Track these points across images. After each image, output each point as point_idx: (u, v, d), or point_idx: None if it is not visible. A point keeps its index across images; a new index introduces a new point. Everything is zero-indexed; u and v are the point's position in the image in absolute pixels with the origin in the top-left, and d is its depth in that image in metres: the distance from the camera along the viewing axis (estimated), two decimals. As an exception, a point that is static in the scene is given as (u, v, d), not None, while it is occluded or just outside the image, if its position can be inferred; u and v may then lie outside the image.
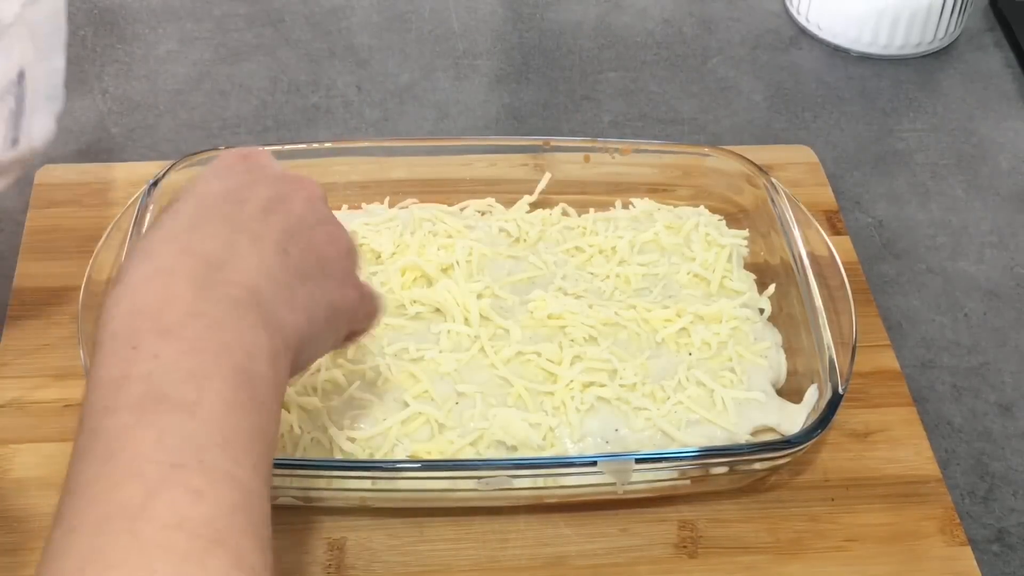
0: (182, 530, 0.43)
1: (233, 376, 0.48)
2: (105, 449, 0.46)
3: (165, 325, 0.48)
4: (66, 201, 0.90)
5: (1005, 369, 0.85)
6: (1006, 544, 0.76)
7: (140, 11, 1.10)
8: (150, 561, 0.42)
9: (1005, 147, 1.02)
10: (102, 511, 0.44)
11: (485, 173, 0.87)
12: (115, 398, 0.47)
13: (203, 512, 0.44)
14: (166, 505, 0.44)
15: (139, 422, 0.46)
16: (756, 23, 1.13)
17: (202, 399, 0.47)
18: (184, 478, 0.45)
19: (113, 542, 0.43)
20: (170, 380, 0.47)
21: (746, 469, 0.72)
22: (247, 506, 0.46)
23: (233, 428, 0.47)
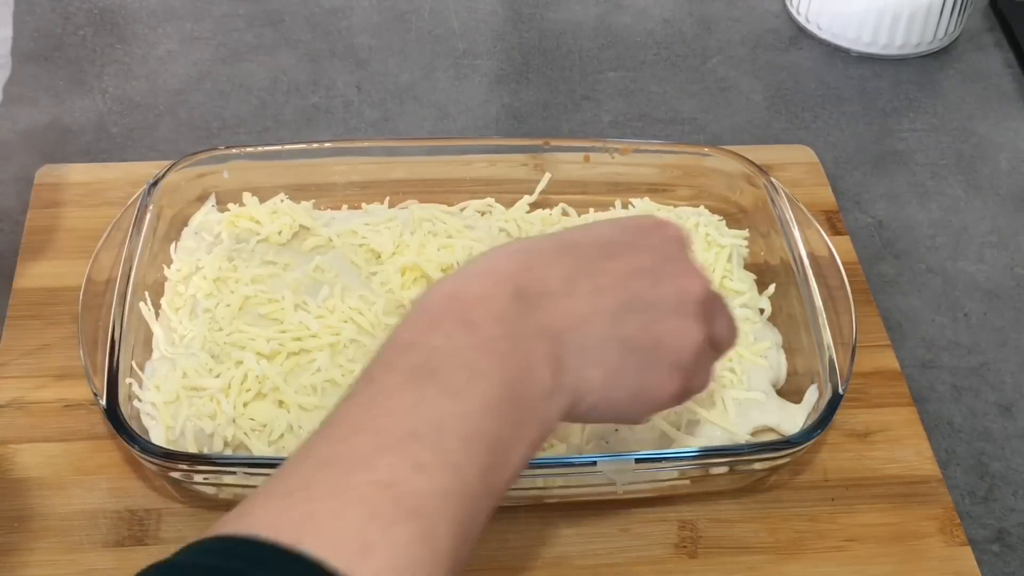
0: (387, 492, 0.46)
1: (502, 387, 0.50)
2: (368, 398, 0.49)
3: (469, 318, 0.51)
4: (66, 201, 0.90)
5: (1005, 369, 0.85)
6: (1006, 544, 0.76)
7: (140, 11, 1.10)
8: (345, 506, 0.45)
9: (1005, 147, 1.02)
10: (335, 450, 0.47)
11: (485, 173, 0.87)
12: (398, 358, 0.50)
13: (416, 485, 0.46)
14: (387, 466, 0.46)
15: (405, 385, 0.49)
16: (756, 23, 1.13)
17: (466, 391, 0.49)
18: (415, 449, 0.47)
19: (326, 479, 0.46)
20: (448, 362, 0.50)
21: (746, 469, 0.72)
22: (461, 499, 0.47)
23: (479, 429, 0.49)
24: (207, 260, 0.81)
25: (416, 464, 0.47)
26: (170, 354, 0.76)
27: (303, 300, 0.78)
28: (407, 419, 0.48)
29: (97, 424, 0.75)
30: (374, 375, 0.50)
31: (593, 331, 0.54)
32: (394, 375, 0.50)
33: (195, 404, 0.73)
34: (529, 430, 0.52)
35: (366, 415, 0.49)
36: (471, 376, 0.50)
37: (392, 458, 0.47)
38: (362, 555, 0.44)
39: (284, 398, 0.73)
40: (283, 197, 0.85)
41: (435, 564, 0.46)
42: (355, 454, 0.47)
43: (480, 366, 0.50)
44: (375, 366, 0.51)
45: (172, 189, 0.84)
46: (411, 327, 0.52)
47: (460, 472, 0.48)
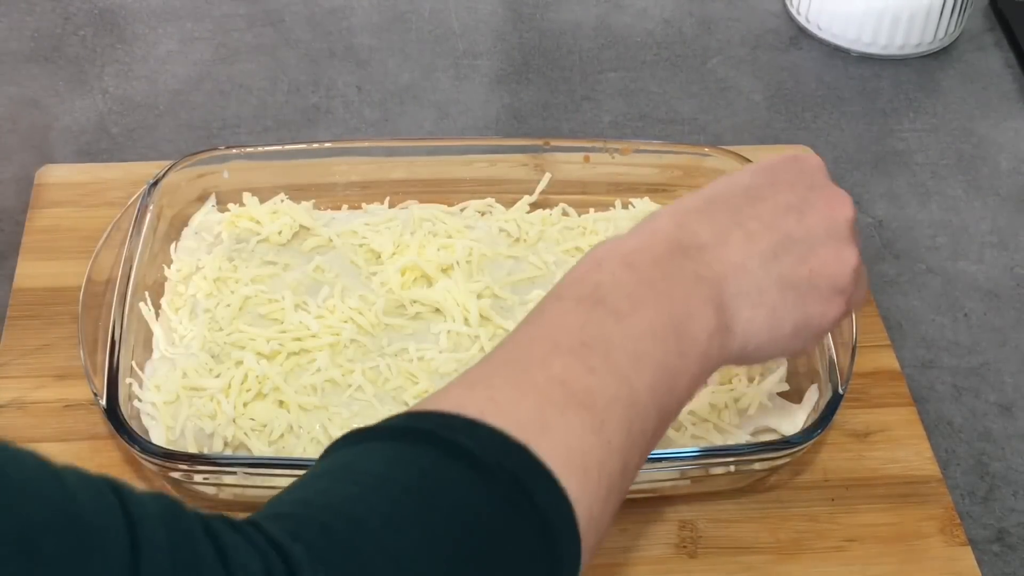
0: (563, 386, 0.50)
1: (666, 319, 0.54)
2: (540, 319, 0.54)
3: (630, 261, 0.55)
4: (66, 201, 0.90)
5: (1005, 369, 0.85)
6: (1006, 544, 0.76)
7: (140, 11, 1.10)
8: (523, 395, 0.49)
9: (1005, 147, 1.02)
10: (512, 355, 0.52)
11: (485, 173, 0.87)
12: (567, 290, 0.55)
13: (588, 383, 0.50)
14: (560, 365, 0.51)
15: (575, 308, 0.53)
16: (756, 23, 1.13)
17: (631, 316, 0.53)
18: (586, 355, 0.51)
19: (506, 374, 0.51)
20: (613, 293, 0.54)
21: (746, 469, 0.72)
22: (629, 404, 0.51)
23: (646, 349, 0.53)
24: (207, 260, 0.81)
25: (588, 367, 0.51)
26: (170, 354, 0.76)
27: (303, 300, 0.78)
28: (578, 332, 0.52)
29: (97, 424, 0.75)
30: (545, 306, 0.55)
31: (750, 276, 0.57)
32: (564, 302, 0.54)
33: (195, 404, 0.73)
34: (692, 363, 0.54)
35: (539, 331, 0.53)
36: (635, 305, 0.53)
37: (565, 360, 0.51)
38: (540, 433, 0.48)
39: (284, 398, 0.73)
40: (283, 197, 0.85)
41: (606, 454, 0.49)
42: (531, 357, 0.51)
43: (644, 297, 0.54)
44: (546, 300, 0.55)
45: (172, 189, 0.83)
46: (575, 270, 0.56)
47: (628, 383, 0.51)
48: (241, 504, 0.71)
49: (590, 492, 0.48)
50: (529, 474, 0.47)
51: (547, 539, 0.46)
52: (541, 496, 0.46)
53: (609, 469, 0.49)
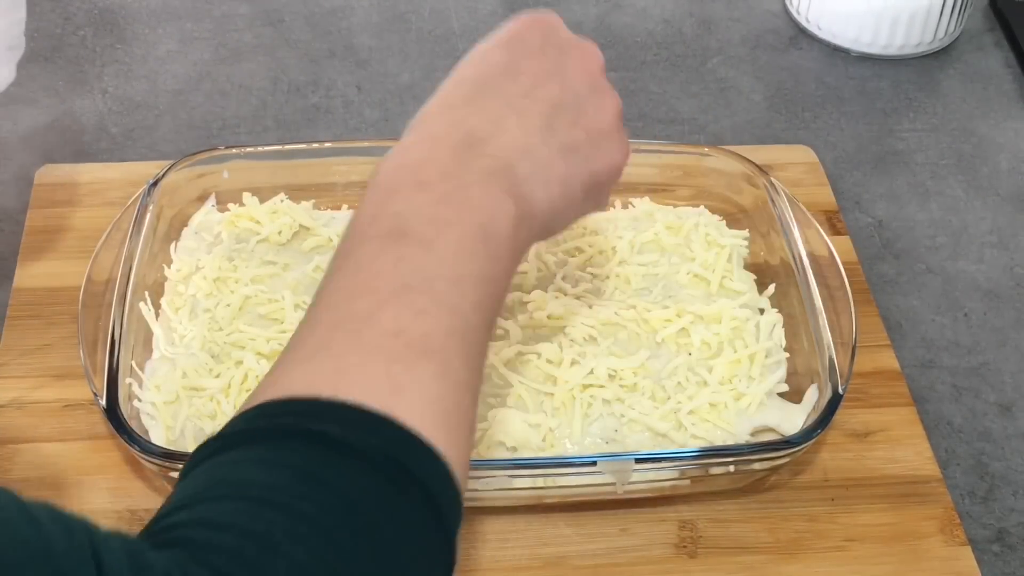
0: (399, 338, 0.49)
1: (472, 229, 0.54)
2: (352, 268, 0.53)
3: (421, 179, 0.54)
4: (66, 201, 0.90)
5: (1005, 369, 0.85)
6: (1006, 544, 0.76)
7: (140, 11, 1.10)
8: (366, 357, 0.49)
9: (1005, 147, 1.02)
10: (338, 315, 0.51)
11: (485, 173, 0.87)
12: (368, 228, 0.53)
13: (421, 327, 0.50)
14: (390, 317, 0.50)
15: (382, 249, 0.52)
16: (756, 23, 1.13)
17: (439, 240, 0.53)
18: (411, 298, 0.51)
19: (341, 339, 0.50)
20: (415, 220, 0.53)
21: (746, 469, 0.72)
22: (464, 333, 0.51)
23: (463, 269, 0.53)
24: (207, 260, 0.81)
25: (416, 311, 0.50)
26: (170, 354, 0.76)
27: (303, 300, 0.78)
28: (394, 275, 0.51)
29: (97, 424, 0.75)
30: (348, 250, 0.53)
31: (534, 154, 0.58)
32: (368, 244, 0.53)
33: (195, 404, 0.73)
34: (506, 261, 0.55)
35: (355, 281, 0.52)
36: (440, 228, 0.53)
37: (393, 310, 0.50)
38: (395, 395, 0.48)
39: (284, 398, 0.73)
40: (283, 197, 0.85)
41: (457, 393, 0.50)
42: (358, 314, 0.50)
43: (445, 217, 0.53)
44: (346, 242, 0.54)
45: (172, 189, 0.83)
46: (369, 203, 0.54)
47: (457, 311, 0.52)
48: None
49: (454, 439, 0.49)
50: (401, 447, 0.47)
51: (432, 506, 0.47)
52: (418, 466, 0.47)
53: (462, 407, 0.51)
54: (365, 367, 0.49)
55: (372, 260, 0.52)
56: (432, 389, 0.49)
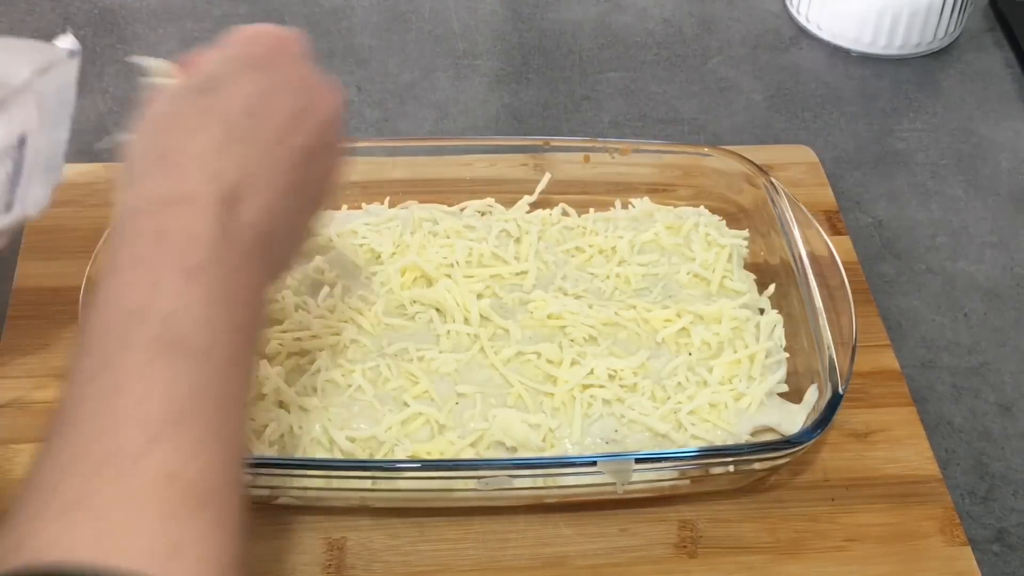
0: (174, 483, 0.44)
1: (237, 330, 0.49)
2: (115, 382, 0.46)
3: (189, 266, 0.49)
4: (66, 201, 0.89)
5: (1005, 369, 0.85)
6: (1006, 544, 0.76)
7: (140, 11, 1.10)
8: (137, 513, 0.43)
9: (1005, 147, 1.02)
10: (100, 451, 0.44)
11: (485, 173, 0.87)
12: (132, 332, 0.47)
13: (196, 469, 0.45)
14: (163, 457, 0.44)
15: (154, 362, 0.46)
16: (756, 23, 1.13)
17: (213, 349, 0.48)
18: (185, 431, 0.45)
19: (105, 488, 0.43)
20: (186, 325, 0.47)
21: (746, 469, 0.72)
22: (233, 467, 0.47)
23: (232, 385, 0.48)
24: (207, 260, 0.81)
25: (190, 449, 0.45)
26: (170, 354, 0.76)
27: (303, 300, 0.78)
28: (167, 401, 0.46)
29: (97, 424, 0.75)
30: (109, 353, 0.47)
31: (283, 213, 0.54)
32: (136, 352, 0.47)
33: (195, 404, 0.73)
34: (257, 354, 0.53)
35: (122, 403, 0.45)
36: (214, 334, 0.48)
37: (166, 448, 0.45)
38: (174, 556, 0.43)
39: (284, 398, 0.73)
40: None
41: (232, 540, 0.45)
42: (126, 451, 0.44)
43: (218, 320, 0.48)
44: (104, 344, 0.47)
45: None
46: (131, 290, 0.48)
47: (227, 442, 0.47)
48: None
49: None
50: None
51: None
52: None
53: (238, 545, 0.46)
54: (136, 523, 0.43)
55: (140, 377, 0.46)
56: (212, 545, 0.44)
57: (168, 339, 0.47)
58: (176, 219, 0.50)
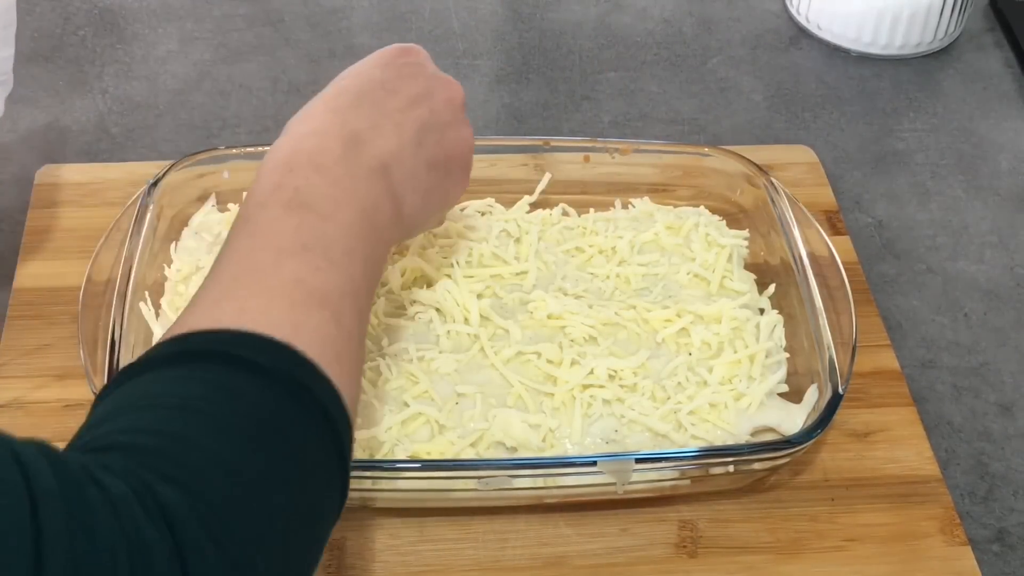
0: (299, 287, 0.55)
1: (360, 214, 0.60)
2: (254, 228, 0.58)
3: (317, 162, 0.61)
4: (66, 201, 0.90)
5: (1005, 369, 0.85)
6: (1006, 544, 0.76)
7: (140, 11, 1.10)
8: (269, 300, 0.54)
9: (1005, 147, 1.02)
10: (241, 268, 0.56)
11: (485, 173, 0.87)
12: (269, 197, 0.59)
13: (319, 281, 0.56)
14: (292, 268, 0.56)
15: (284, 214, 0.58)
16: (756, 23, 1.13)
17: (335, 215, 0.59)
18: (310, 256, 0.56)
19: (244, 285, 0.55)
20: (314, 196, 0.59)
21: (746, 469, 0.72)
22: (354, 294, 0.58)
23: (353, 243, 0.59)
24: (207, 260, 0.81)
25: (314, 267, 0.56)
26: (170, 354, 0.76)
27: (303, 300, 0.78)
28: (295, 236, 0.57)
29: (97, 424, 0.75)
30: (249, 215, 0.59)
31: (406, 161, 0.65)
32: (271, 210, 0.58)
33: (195, 404, 0.73)
34: (382, 250, 0.63)
35: (259, 241, 0.57)
36: (336, 205, 0.59)
37: (294, 263, 0.56)
38: (295, 332, 0.53)
39: (284, 398, 0.73)
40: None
41: (349, 341, 0.56)
42: (263, 265, 0.56)
43: (340, 198, 0.60)
44: (247, 208, 0.59)
45: (172, 189, 0.83)
46: (268, 176, 0.60)
47: (348, 275, 0.58)
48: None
49: (344, 379, 0.54)
50: (302, 370, 0.52)
51: (329, 425, 0.52)
52: (316, 389, 0.52)
53: (352, 356, 0.56)
54: (268, 307, 0.53)
55: (273, 222, 0.58)
56: (327, 332, 0.54)
57: (298, 202, 0.58)
58: (310, 141, 0.62)
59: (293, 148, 0.62)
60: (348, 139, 0.63)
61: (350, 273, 0.58)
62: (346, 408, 0.53)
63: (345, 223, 0.59)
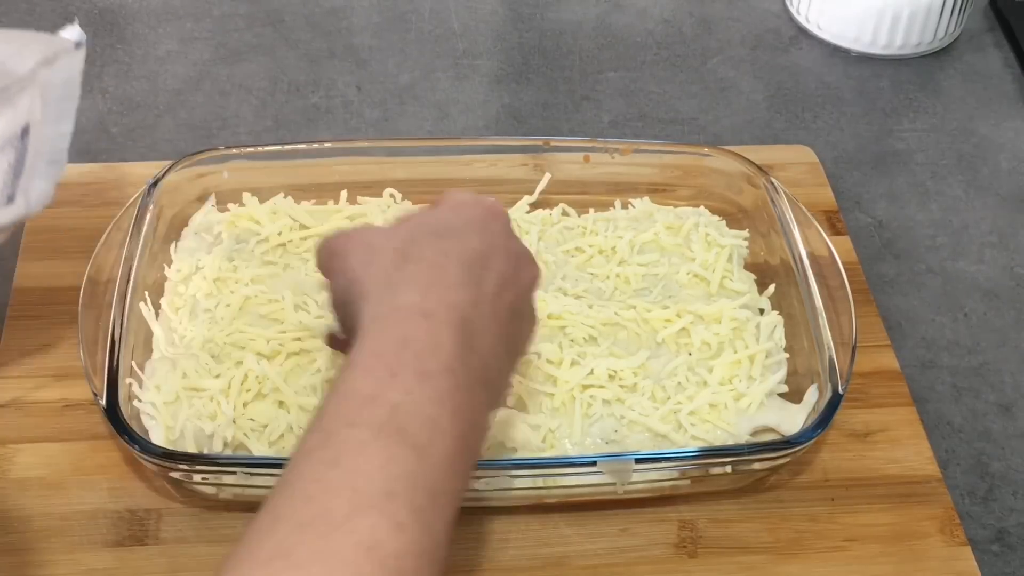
0: (372, 555, 0.46)
1: (458, 439, 0.52)
2: (334, 455, 0.49)
3: (425, 369, 0.52)
4: (66, 201, 0.90)
5: (1005, 369, 0.85)
6: (1006, 544, 0.76)
7: (140, 11, 1.10)
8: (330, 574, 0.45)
9: (1005, 147, 1.02)
10: (310, 511, 0.47)
11: (485, 173, 0.87)
12: (360, 413, 0.51)
13: (397, 546, 0.47)
14: (367, 527, 0.47)
15: (374, 441, 0.49)
16: (756, 23, 1.13)
17: (432, 447, 0.50)
18: (393, 508, 0.48)
19: (307, 543, 0.46)
20: (413, 418, 0.51)
21: (746, 469, 0.72)
22: (432, 557, 0.48)
23: (444, 484, 0.50)
24: (207, 260, 0.81)
25: (395, 524, 0.47)
26: (170, 354, 0.76)
27: (303, 300, 0.78)
28: (381, 478, 0.48)
29: (97, 424, 0.75)
30: (333, 430, 0.50)
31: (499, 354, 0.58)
32: (358, 430, 0.50)
33: (195, 405, 0.73)
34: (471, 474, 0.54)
35: (337, 474, 0.48)
36: (433, 433, 0.51)
37: (372, 519, 0.47)
38: None
39: (284, 398, 0.73)
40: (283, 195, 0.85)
41: None
42: (333, 516, 0.47)
43: (441, 423, 0.51)
44: (332, 419, 0.51)
45: (172, 189, 0.83)
46: (368, 374, 0.52)
47: (431, 530, 0.49)
48: (240, 504, 0.71)
49: None
50: None
51: None
52: None
53: None
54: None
55: (359, 452, 0.49)
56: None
57: (393, 426, 0.50)
58: (419, 329, 0.54)
59: (400, 337, 0.53)
60: (461, 331, 0.54)
61: (434, 527, 0.49)
62: None
63: (442, 458, 0.51)
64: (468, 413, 0.53)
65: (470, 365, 0.54)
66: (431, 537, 0.49)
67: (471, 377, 0.54)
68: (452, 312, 0.55)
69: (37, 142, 0.69)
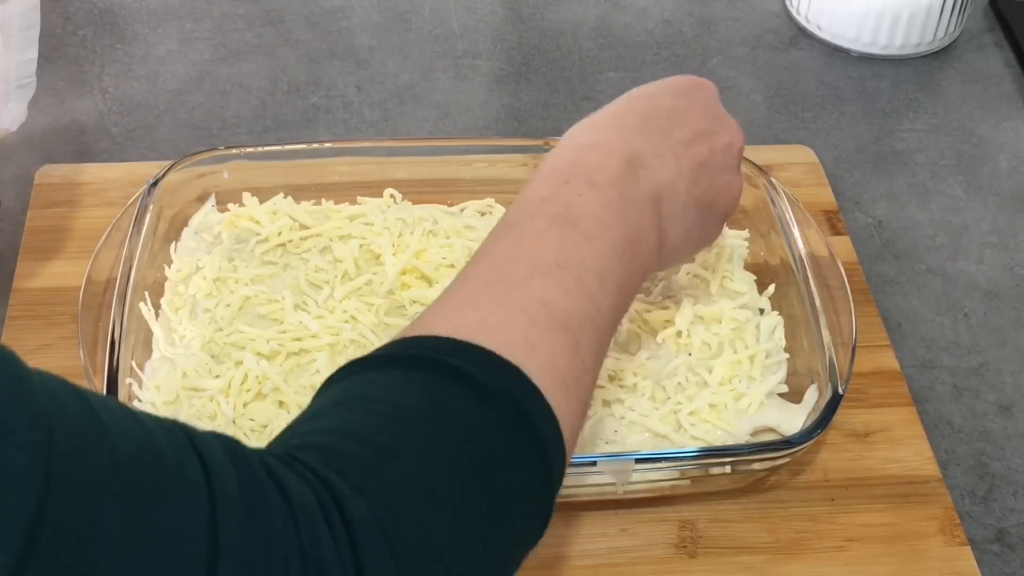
0: (544, 307, 0.54)
1: (624, 240, 0.60)
2: (517, 237, 0.58)
3: (594, 179, 0.60)
4: (66, 201, 0.90)
5: (1005, 369, 0.85)
6: (1006, 544, 0.76)
7: (140, 11, 1.10)
8: (511, 316, 0.53)
9: (1005, 147, 1.02)
10: (493, 275, 0.56)
11: (485, 173, 0.87)
12: (539, 208, 0.59)
13: (565, 305, 0.55)
14: (542, 287, 0.55)
15: (549, 228, 0.58)
16: (756, 23, 1.13)
17: (599, 238, 0.58)
18: (562, 277, 0.56)
19: (490, 295, 0.55)
20: (583, 214, 0.59)
21: (746, 469, 0.72)
22: (597, 323, 0.56)
23: (609, 271, 0.58)
24: (207, 260, 0.81)
25: (564, 289, 0.55)
26: (170, 354, 0.76)
27: (303, 300, 0.78)
28: (553, 253, 0.57)
29: (97, 424, 0.75)
30: (516, 220, 0.59)
31: (678, 198, 0.64)
32: (537, 221, 0.58)
33: (195, 404, 0.73)
34: (638, 279, 0.62)
35: (518, 249, 0.57)
36: (601, 227, 0.59)
37: (545, 281, 0.55)
38: (527, 354, 0.52)
39: (284, 399, 0.73)
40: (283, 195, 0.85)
41: (580, 371, 0.54)
42: (513, 277, 0.55)
43: (608, 220, 0.59)
44: (515, 215, 0.60)
45: (172, 189, 0.83)
46: (542, 185, 0.60)
47: (596, 302, 0.56)
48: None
49: (570, 408, 0.52)
50: (523, 394, 0.51)
51: (541, 453, 0.50)
52: (534, 415, 0.50)
53: (582, 385, 0.54)
54: (507, 324, 0.53)
55: (536, 235, 0.58)
56: (561, 359, 0.53)
57: (566, 218, 0.58)
58: (592, 154, 0.62)
59: (573, 159, 0.62)
60: (629, 161, 0.62)
61: (599, 300, 0.57)
62: (563, 438, 0.52)
63: (607, 248, 0.58)
64: (635, 219, 0.61)
65: (636, 189, 0.62)
66: (596, 307, 0.56)
67: (635, 199, 0.61)
68: (623, 146, 0.62)
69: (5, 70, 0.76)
